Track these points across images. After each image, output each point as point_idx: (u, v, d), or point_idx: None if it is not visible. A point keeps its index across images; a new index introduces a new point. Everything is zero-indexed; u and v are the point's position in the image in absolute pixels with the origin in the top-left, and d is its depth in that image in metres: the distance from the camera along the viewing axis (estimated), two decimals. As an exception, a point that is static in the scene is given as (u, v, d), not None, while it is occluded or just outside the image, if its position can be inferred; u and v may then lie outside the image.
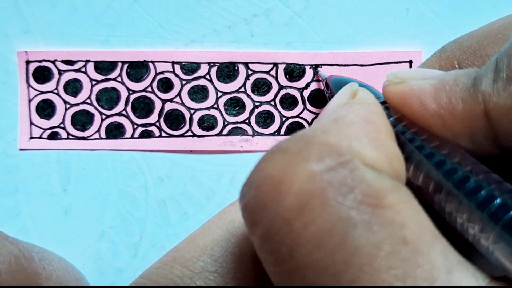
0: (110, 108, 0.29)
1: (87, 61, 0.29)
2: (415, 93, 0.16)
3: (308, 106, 0.29)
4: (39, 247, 0.26)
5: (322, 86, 0.28)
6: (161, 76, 0.29)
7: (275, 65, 0.29)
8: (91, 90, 0.29)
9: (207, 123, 0.29)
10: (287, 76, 0.29)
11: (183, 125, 0.29)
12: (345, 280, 0.11)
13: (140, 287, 0.19)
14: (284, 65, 0.29)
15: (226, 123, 0.29)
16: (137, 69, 0.29)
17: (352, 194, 0.12)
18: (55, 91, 0.29)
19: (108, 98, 0.29)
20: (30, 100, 0.29)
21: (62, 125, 0.29)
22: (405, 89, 0.16)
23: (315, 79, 0.29)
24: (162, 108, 0.29)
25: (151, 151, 0.29)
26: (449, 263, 0.11)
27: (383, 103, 0.17)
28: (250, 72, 0.29)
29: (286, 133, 0.29)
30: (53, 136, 0.29)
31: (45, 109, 0.29)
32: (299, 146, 0.13)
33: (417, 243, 0.12)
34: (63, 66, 0.29)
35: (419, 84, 0.16)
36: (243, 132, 0.29)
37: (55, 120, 0.29)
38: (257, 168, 0.13)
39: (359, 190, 0.12)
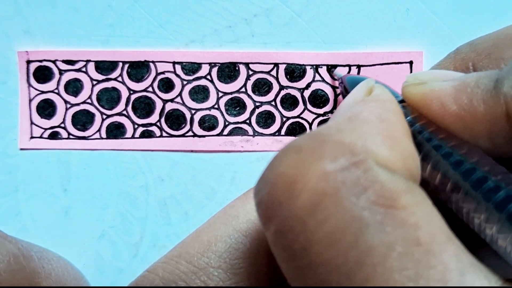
0: (111, 108, 0.29)
1: (87, 61, 0.29)
2: (435, 94, 0.16)
3: (309, 106, 0.29)
4: (39, 246, 0.26)
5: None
6: (162, 76, 0.29)
7: (276, 65, 0.29)
8: (92, 90, 0.29)
9: (208, 123, 0.29)
10: (288, 76, 0.29)
11: (184, 125, 0.29)
12: (357, 279, 0.11)
13: (139, 286, 0.19)
14: (284, 65, 0.29)
15: (226, 123, 0.29)
16: (138, 69, 0.29)
17: (365, 195, 0.12)
18: (56, 90, 0.29)
19: (109, 98, 0.29)
20: (30, 100, 0.29)
21: (62, 125, 0.29)
22: (425, 90, 0.16)
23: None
24: (163, 108, 0.29)
25: (152, 151, 0.29)
26: (462, 265, 0.11)
27: (400, 102, 0.17)
28: (250, 73, 0.29)
29: (286, 133, 0.29)
30: (54, 136, 0.29)
31: (46, 108, 0.29)
32: (313, 144, 0.13)
33: (430, 245, 0.12)
34: (63, 66, 0.29)
35: (440, 86, 0.16)
36: (244, 132, 0.29)
37: (55, 120, 0.29)
38: (271, 166, 0.14)
39: (372, 191, 0.12)
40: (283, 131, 0.29)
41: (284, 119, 0.29)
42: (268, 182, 0.13)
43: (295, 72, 0.29)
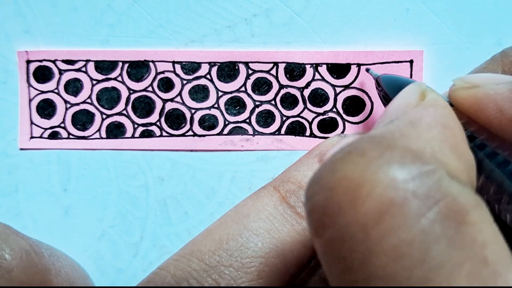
0: (111, 108, 0.29)
1: (87, 61, 0.29)
2: (491, 98, 0.15)
3: (309, 105, 0.29)
4: (47, 244, 0.26)
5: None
6: (161, 75, 0.29)
7: (276, 64, 0.29)
8: (92, 90, 0.29)
9: (207, 123, 0.29)
10: (288, 76, 0.29)
11: (183, 124, 0.29)
12: None
13: (143, 286, 0.19)
14: (284, 64, 0.29)
15: (226, 122, 0.29)
16: (138, 69, 0.29)
17: (437, 207, 0.11)
18: (56, 90, 0.29)
19: (109, 97, 0.29)
20: (30, 100, 0.29)
21: (62, 125, 0.29)
22: (479, 94, 0.15)
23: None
24: (163, 108, 0.29)
25: (152, 150, 0.29)
26: None
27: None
28: (250, 72, 0.29)
29: (286, 133, 0.29)
30: (54, 135, 0.29)
31: (46, 108, 0.29)
32: (378, 149, 0.12)
33: (496, 265, 0.11)
34: (63, 66, 0.29)
35: (495, 89, 0.15)
36: (244, 132, 0.29)
37: (55, 120, 0.29)
38: (331, 169, 0.13)
39: (444, 204, 0.12)
40: (283, 130, 0.29)
41: (284, 118, 0.29)
42: (327, 186, 0.12)
43: (294, 71, 0.29)
